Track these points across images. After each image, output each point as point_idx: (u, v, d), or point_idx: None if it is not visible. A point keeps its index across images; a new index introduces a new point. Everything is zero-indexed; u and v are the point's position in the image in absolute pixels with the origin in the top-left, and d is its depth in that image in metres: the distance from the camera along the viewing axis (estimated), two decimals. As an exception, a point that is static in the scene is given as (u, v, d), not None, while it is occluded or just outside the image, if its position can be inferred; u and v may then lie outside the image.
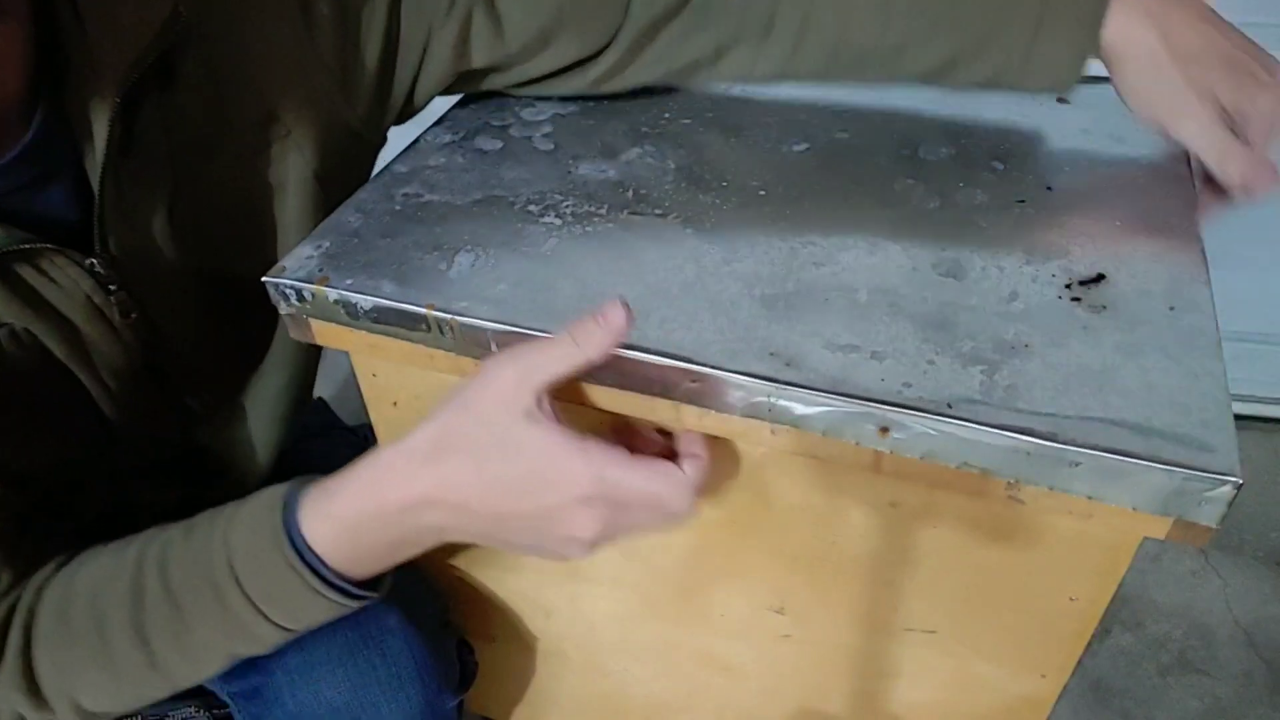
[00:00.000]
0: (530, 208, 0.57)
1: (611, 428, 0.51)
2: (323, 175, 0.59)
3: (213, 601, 0.48)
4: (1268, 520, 1.28)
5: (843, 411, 0.44)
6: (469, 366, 0.52)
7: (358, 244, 0.55)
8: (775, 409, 0.45)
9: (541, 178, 0.60)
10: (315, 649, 0.60)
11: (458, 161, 0.62)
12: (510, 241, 0.54)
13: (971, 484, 0.44)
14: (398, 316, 0.51)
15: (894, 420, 0.43)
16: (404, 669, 0.60)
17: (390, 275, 0.52)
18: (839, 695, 0.65)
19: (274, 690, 0.60)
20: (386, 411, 0.61)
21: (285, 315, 0.54)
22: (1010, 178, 0.58)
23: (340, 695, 0.59)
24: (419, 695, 0.60)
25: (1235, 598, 1.20)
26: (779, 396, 0.45)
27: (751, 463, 0.52)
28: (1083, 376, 0.44)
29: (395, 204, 0.58)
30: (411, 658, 0.61)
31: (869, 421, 0.44)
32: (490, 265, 0.52)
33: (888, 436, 0.44)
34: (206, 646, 0.50)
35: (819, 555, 0.56)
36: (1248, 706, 1.09)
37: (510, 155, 0.62)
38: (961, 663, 0.58)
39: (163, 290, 0.55)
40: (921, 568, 0.53)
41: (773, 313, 0.49)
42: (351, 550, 0.47)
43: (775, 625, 0.62)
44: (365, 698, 0.59)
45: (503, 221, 0.56)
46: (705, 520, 0.57)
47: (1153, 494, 0.41)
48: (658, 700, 0.75)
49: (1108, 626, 1.17)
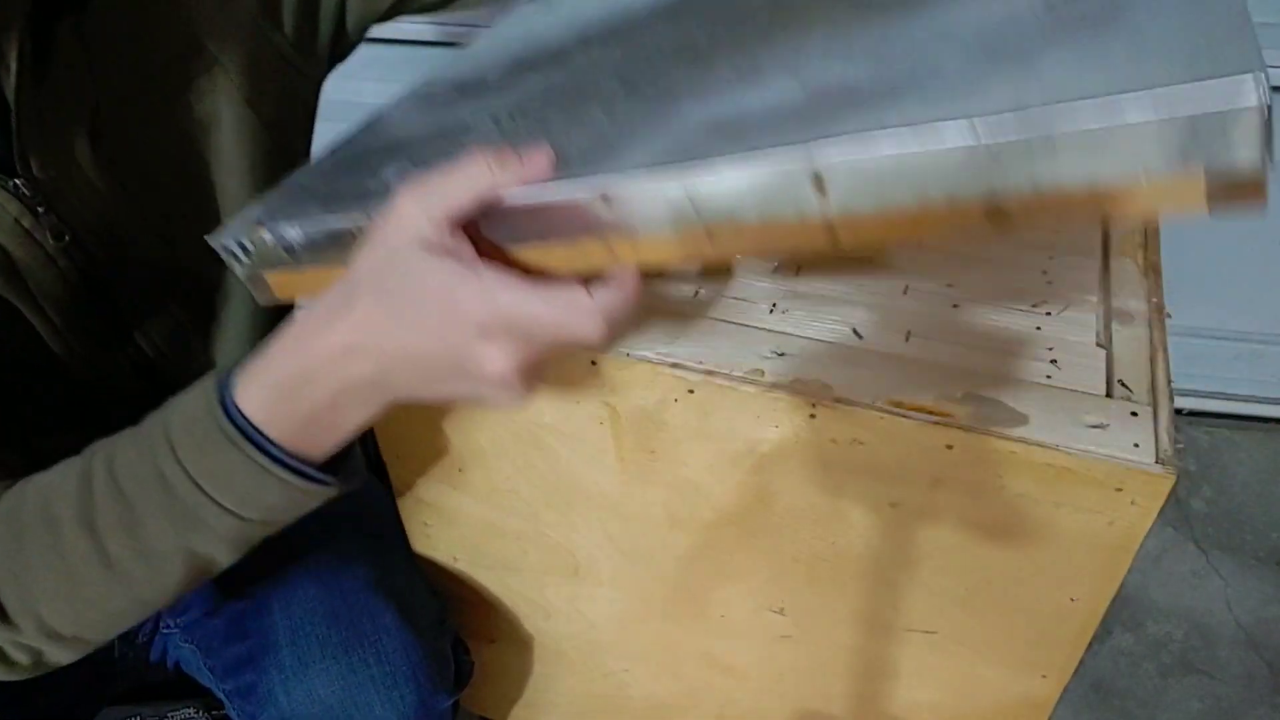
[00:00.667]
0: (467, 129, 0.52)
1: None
2: (258, 105, 0.58)
3: (157, 488, 0.46)
4: (1268, 520, 1.28)
5: (766, 174, 0.36)
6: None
7: (299, 192, 0.52)
8: (697, 201, 0.39)
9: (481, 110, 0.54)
10: (309, 647, 0.59)
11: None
12: (442, 149, 0.49)
13: (944, 221, 0.35)
14: (330, 240, 0.47)
15: (824, 165, 0.35)
16: (398, 668, 0.60)
17: (318, 201, 0.49)
18: (839, 695, 0.65)
19: (267, 687, 0.60)
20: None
21: (244, 280, 0.51)
22: None
23: (334, 693, 0.59)
24: (413, 695, 0.60)
25: (1236, 598, 1.20)
26: (695, 186, 0.38)
27: (751, 462, 0.52)
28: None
29: (339, 156, 0.55)
30: (406, 657, 0.60)
31: (801, 180, 0.36)
32: (419, 173, 0.45)
33: (826, 194, 0.36)
34: (160, 540, 0.47)
35: (819, 555, 0.55)
36: (1249, 707, 1.09)
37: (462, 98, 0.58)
38: (962, 663, 0.58)
39: (93, 216, 0.54)
40: (921, 568, 0.53)
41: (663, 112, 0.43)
42: (289, 417, 0.44)
43: (775, 625, 0.62)
44: (359, 696, 0.59)
45: (434, 139, 0.52)
46: (705, 520, 0.57)
47: (1162, 142, 0.30)
48: (658, 700, 0.74)
49: (1108, 627, 1.17)
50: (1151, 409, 0.46)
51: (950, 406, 0.46)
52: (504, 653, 0.77)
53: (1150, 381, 0.48)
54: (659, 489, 0.56)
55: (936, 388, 0.47)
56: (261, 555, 0.67)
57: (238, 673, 0.62)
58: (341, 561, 0.65)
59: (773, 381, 0.48)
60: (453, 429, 0.60)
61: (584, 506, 0.60)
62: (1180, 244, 1.19)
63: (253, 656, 0.62)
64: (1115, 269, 0.54)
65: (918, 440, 0.47)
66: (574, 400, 0.53)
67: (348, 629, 0.60)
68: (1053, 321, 0.52)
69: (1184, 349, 1.28)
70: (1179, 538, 1.26)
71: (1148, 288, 0.53)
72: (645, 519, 0.59)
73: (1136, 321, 0.51)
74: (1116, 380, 0.48)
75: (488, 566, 0.70)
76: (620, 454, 0.55)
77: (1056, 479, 0.45)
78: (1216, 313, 1.26)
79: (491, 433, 0.58)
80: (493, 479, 0.62)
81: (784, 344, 0.50)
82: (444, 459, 0.62)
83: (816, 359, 0.49)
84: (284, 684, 0.59)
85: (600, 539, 0.62)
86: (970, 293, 0.54)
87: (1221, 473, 1.33)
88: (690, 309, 0.53)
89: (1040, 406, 0.46)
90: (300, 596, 0.62)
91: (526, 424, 0.56)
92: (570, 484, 0.59)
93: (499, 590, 0.72)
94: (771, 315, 0.52)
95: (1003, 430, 0.45)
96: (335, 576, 0.64)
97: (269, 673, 0.60)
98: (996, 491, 0.47)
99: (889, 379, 0.48)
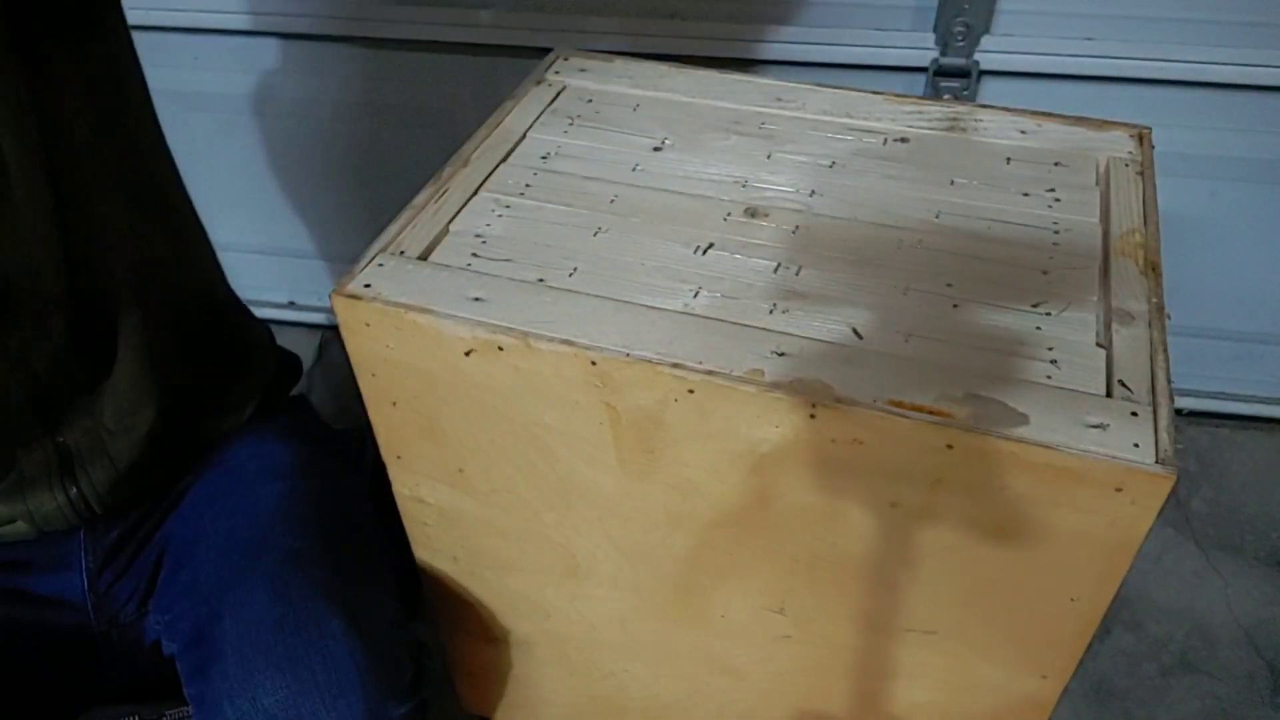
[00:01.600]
0: None
1: None
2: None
3: None
4: (1269, 520, 1.28)
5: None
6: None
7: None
8: None
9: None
10: (254, 656, 0.58)
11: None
12: None
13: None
14: None
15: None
16: (345, 676, 0.58)
17: None
18: (839, 695, 0.65)
19: (214, 697, 0.59)
20: (386, 411, 0.60)
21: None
22: None
23: (277, 703, 0.57)
24: (360, 704, 0.58)
25: (1237, 598, 1.20)
26: None
27: (751, 462, 0.52)
28: None
29: None
30: (353, 665, 0.59)
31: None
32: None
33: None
34: None
35: (819, 555, 0.55)
36: (1249, 708, 1.09)
37: None
38: (962, 663, 0.58)
39: None
40: (921, 568, 0.53)
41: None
42: None
43: (775, 625, 0.62)
44: (304, 706, 0.58)
45: None
46: (705, 520, 0.57)
47: None
48: (658, 700, 0.74)
49: (1109, 627, 1.17)
50: (1151, 409, 0.46)
51: (950, 406, 0.46)
52: (504, 653, 0.77)
53: (1150, 381, 0.48)
54: (659, 489, 0.56)
55: (936, 388, 0.47)
56: (223, 560, 0.66)
57: (191, 680, 0.61)
58: (296, 567, 0.64)
59: (773, 381, 0.48)
60: (453, 429, 0.60)
61: (584, 506, 0.60)
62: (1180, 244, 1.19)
63: (205, 664, 0.61)
64: (1115, 269, 0.54)
65: (918, 440, 0.47)
66: (574, 400, 0.53)
67: (293, 636, 0.58)
68: (1053, 321, 0.52)
69: (1184, 349, 1.28)
70: (1179, 538, 1.26)
71: (1148, 288, 0.53)
72: (645, 519, 0.59)
73: (1136, 321, 0.51)
74: (1116, 380, 0.48)
75: (488, 566, 0.70)
76: (620, 454, 0.55)
77: (1056, 479, 0.45)
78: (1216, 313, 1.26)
79: (491, 433, 0.58)
80: (493, 479, 0.62)
81: (784, 344, 0.50)
82: (444, 459, 0.62)
83: (816, 359, 0.49)
84: (229, 694, 0.58)
85: (600, 539, 0.62)
86: (970, 293, 0.54)
87: (1221, 473, 1.32)
88: (690, 309, 0.53)
89: (1040, 406, 0.46)
90: (250, 603, 0.61)
91: (526, 424, 0.56)
92: (570, 484, 0.59)
93: (499, 590, 0.72)
94: (771, 315, 0.52)
95: (1003, 430, 0.45)
96: (286, 583, 0.62)
97: (215, 682, 0.59)
98: (996, 491, 0.47)
99: (889, 379, 0.48)
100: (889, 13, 1.09)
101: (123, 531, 0.70)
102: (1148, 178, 0.61)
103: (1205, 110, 1.08)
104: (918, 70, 1.10)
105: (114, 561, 0.70)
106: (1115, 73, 1.07)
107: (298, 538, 0.67)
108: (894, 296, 0.53)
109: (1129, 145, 0.64)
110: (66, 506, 0.66)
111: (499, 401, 0.56)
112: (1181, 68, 1.04)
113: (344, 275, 0.55)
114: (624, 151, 0.65)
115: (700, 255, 0.56)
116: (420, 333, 0.54)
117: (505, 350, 0.52)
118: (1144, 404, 0.46)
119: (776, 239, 0.57)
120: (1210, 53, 1.02)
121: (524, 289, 0.54)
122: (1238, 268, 1.22)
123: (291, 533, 0.67)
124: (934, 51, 1.09)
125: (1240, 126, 1.09)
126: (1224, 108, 1.08)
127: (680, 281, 0.55)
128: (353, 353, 0.58)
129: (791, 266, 0.56)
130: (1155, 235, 0.57)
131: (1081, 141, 0.65)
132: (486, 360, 0.53)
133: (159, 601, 0.70)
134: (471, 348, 0.53)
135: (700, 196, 0.61)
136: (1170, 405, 0.47)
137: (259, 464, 0.72)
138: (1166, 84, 1.07)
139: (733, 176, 0.63)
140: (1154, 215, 0.58)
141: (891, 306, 0.53)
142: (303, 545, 0.66)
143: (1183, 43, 1.03)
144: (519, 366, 0.53)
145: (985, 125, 0.66)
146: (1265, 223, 1.18)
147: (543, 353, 0.51)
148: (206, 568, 0.66)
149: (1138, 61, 1.06)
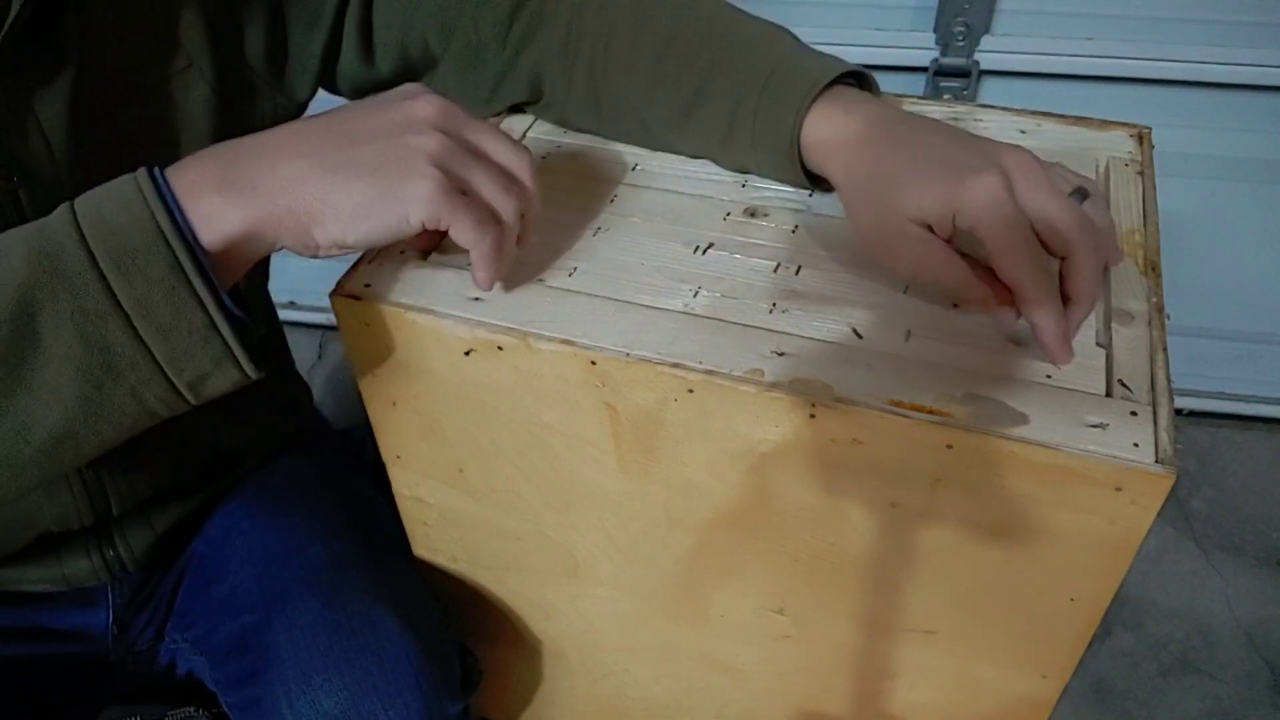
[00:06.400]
0: None
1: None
2: (225, 114, 0.58)
3: (43, 266, 0.40)
4: (1269, 520, 1.28)
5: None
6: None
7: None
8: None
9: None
10: (311, 659, 0.59)
11: None
12: None
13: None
14: None
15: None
16: (402, 677, 0.59)
17: None
18: (839, 695, 0.65)
19: (270, 701, 0.59)
20: (386, 411, 0.60)
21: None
22: None
23: (338, 705, 0.58)
24: (418, 703, 0.59)
25: (1236, 598, 1.20)
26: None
27: (751, 462, 0.52)
28: None
29: None
30: (410, 665, 0.60)
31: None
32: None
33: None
34: (41, 351, 0.41)
35: (819, 555, 0.55)
36: (1249, 707, 1.09)
37: None
38: (962, 663, 0.58)
39: (42, 174, 0.52)
40: (921, 567, 0.53)
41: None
42: (217, 186, 0.43)
43: (775, 625, 0.62)
44: (363, 707, 0.58)
45: None
46: (705, 520, 0.57)
47: None
48: (658, 701, 0.74)
49: (1109, 627, 1.17)
50: (1151, 409, 0.46)
51: (950, 406, 0.46)
52: (503, 653, 0.77)
53: (1150, 381, 0.48)
54: (659, 489, 0.56)
55: (936, 388, 0.47)
56: (262, 571, 0.67)
57: (240, 686, 0.62)
58: (340, 572, 0.65)
59: (773, 381, 0.48)
60: (453, 429, 0.60)
61: (584, 506, 0.60)
62: (1180, 244, 1.19)
63: (255, 671, 0.62)
64: (1115, 269, 0.54)
65: (918, 440, 0.47)
66: (574, 400, 0.53)
67: (349, 639, 0.59)
68: (1053, 321, 0.52)
69: (1184, 349, 1.28)
70: (1179, 538, 1.26)
71: (1148, 288, 0.53)
72: (645, 519, 0.59)
73: (1136, 321, 0.51)
74: (1116, 380, 0.48)
75: (488, 566, 0.70)
76: (620, 454, 0.55)
77: (1056, 479, 0.45)
78: (1216, 313, 1.26)
79: (491, 433, 0.58)
80: (493, 479, 0.62)
81: (784, 344, 0.50)
82: (444, 459, 0.62)
83: (816, 359, 0.49)
84: (287, 697, 0.59)
85: (600, 539, 0.62)
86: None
87: (1221, 473, 1.33)
88: (690, 309, 0.53)
89: (1040, 406, 0.46)
90: (300, 609, 0.62)
91: (526, 424, 0.56)
92: (570, 484, 0.59)
93: (499, 590, 0.72)
94: (771, 315, 0.52)
95: (1003, 430, 0.45)
96: (335, 588, 0.63)
97: (272, 685, 0.59)
98: (996, 491, 0.47)
99: (889, 379, 0.48)
100: (889, 13, 1.09)
101: (150, 567, 0.70)
102: (1148, 178, 0.61)
103: (1205, 110, 1.09)
104: (918, 70, 1.10)
105: (138, 595, 0.70)
106: (1115, 73, 1.07)
107: (337, 543, 0.67)
108: (894, 296, 0.53)
109: (1129, 145, 0.64)
110: (102, 569, 0.66)
111: (499, 401, 0.56)
112: (1181, 68, 1.04)
113: (344, 275, 0.55)
114: (624, 151, 0.65)
115: (700, 255, 0.56)
116: (420, 333, 0.54)
117: (505, 350, 0.52)
118: (1144, 404, 0.46)
119: (776, 239, 0.57)
120: (1210, 53, 1.02)
121: (523, 289, 0.54)
122: (1238, 268, 1.22)
123: (330, 539, 0.67)
124: (934, 51, 1.09)
125: (1240, 126, 1.09)
126: (1224, 108, 1.08)
127: (680, 281, 0.55)
128: (352, 353, 0.58)
129: (791, 266, 0.56)
130: (1155, 235, 0.57)
131: (1081, 141, 0.65)
132: (486, 360, 0.53)
133: (179, 620, 0.71)
134: (471, 347, 0.53)
135: (700, 196, 0.61)
136: (1170, 405, 0.47)
137: (283, 477, 0.73)
138: (1166, 84, 1.07)
139: (733, 176, 0.63)
140: (1154, 215, 0.58)
141: (891, 306, 0.53)
142: (344, 550, 0.67)
143: (1183, 43, 1.03)
144: (519, 366, 0.53)
145: (985, 125, 0.66)
146: (1265, 223, 1.18)
147: (542, 352, 0.51)
148: (245, 580, 0.66)
149: (1138, 61, 1.06)
